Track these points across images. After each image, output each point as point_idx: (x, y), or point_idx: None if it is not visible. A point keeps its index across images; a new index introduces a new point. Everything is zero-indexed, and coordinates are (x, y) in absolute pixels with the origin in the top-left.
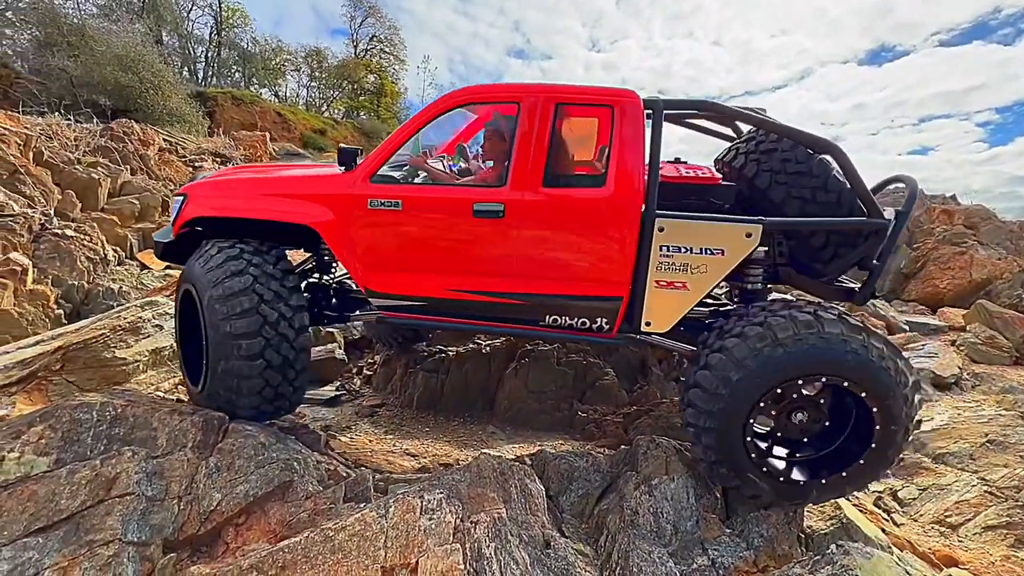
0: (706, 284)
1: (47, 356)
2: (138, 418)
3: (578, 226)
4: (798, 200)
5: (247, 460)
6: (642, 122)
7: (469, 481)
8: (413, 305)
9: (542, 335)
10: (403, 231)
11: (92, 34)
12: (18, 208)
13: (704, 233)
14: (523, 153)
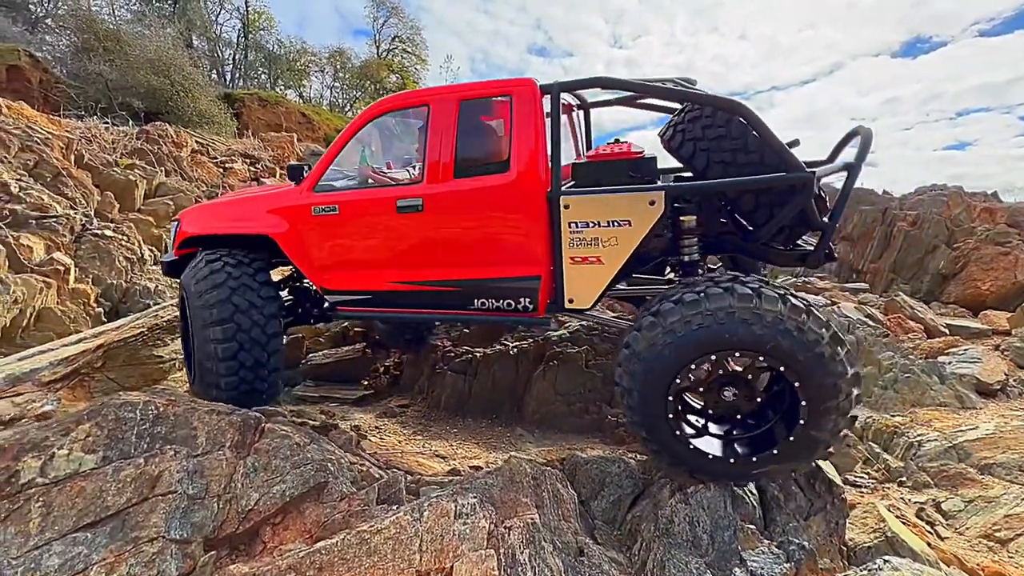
0: (620, 256)
1: (89, 354)
2: (179, 417)
3: (489, 212)
4: (719, 164)
5: (283, 460)
6: (539, 107)
7: (501, 485)
8: (362, 299)
9: (476, 319)
10: (342, 232)
11: (127, 39)
12: (61, 209)
13: (608, 205)
14: (435, 149)
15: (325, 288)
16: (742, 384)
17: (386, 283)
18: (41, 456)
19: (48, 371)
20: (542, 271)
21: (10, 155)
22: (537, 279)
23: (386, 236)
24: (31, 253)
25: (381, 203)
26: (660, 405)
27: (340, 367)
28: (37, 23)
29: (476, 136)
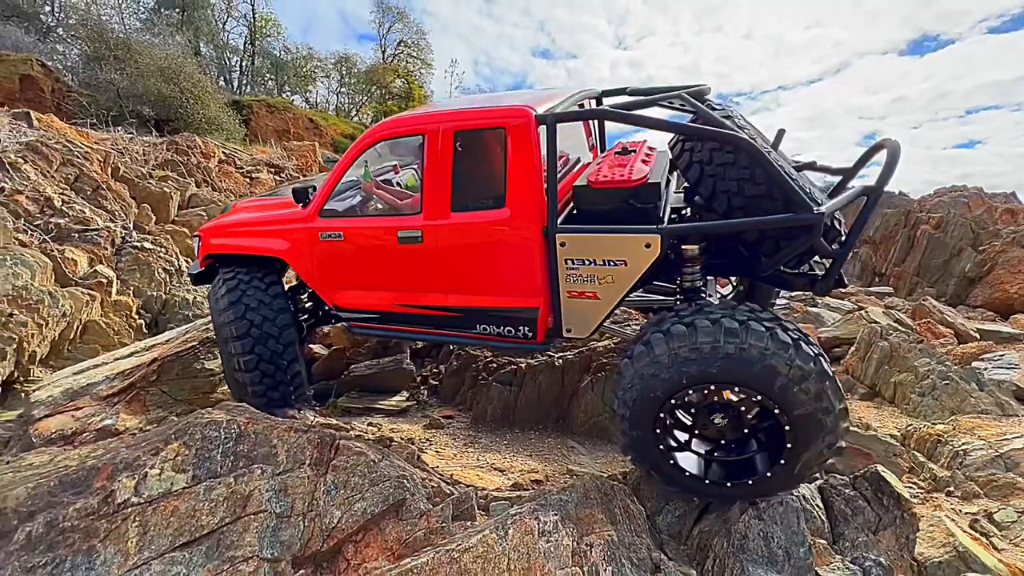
0: (616, 293)
1: (144, 368)
2: (259, 435)
3: (486, 247)
4: (725, 195)
5: (362, 478)
6: (534, 139)
7: (576, 502)
8: (371, 317)
9: (479, 342)
10: (348, 257)
11: (137, 48)
12: (102, 222)
13: (603, 245)
14: (432, 182)
15: (336, 306)
16: (731, 412)
17: (391, 304)
18: (135, 476)
19: (105, 385)
20: (540, 303)
21: (52, 169)
22: (535, 310)
23: (389, 263)
24: (75, 266)
25: (383, 233)
26: (649, 427)
27: (381, 378)
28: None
29: (472, 169)
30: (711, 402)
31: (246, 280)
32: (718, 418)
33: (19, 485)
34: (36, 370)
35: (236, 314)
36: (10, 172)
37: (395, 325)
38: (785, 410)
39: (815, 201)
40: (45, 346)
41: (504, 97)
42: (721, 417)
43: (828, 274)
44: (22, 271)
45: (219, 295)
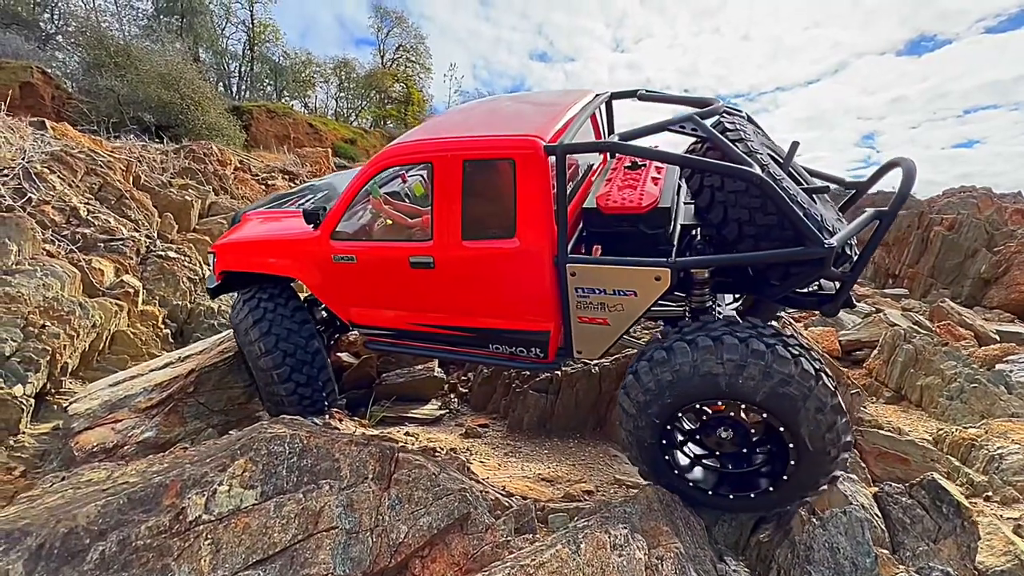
0: (626, 320)
1: (181, 379)
2: (320, 449)
3: (497, 275)
4: (735, 223)
5: (425, 491)
6: (545, 169)
7: (640, 513)
8: (386, 334)
9: (492, 361)
10: (361, 278)
11: (137, 54)
12: (126, 232)
13: (614, 276)
14: (441, 210)
15: (352, 322)
16: (737, 427)
17: (405, 323)
18: (204, 492)
19: (143, 397)
20: (551, 327)
21: (77, 179)
22: (546, 333)
23: (402, 285)
24: (102, 276)
25: (395, 258)
26: (656, 437)
27: (412, 386)
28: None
29: (481, 198)
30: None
31: (266, 299)
32: (723, 432)
33: (85, 502)
34: (67, 382)
35: (261, 331)
36: (36, 182)
37: (409, 341)
38: (787, 425)
39: (826, 232)
40: (76, 357)
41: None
42: (726, 431)
43: (837, 296)
44: (52, 282)
45: (241, 316)
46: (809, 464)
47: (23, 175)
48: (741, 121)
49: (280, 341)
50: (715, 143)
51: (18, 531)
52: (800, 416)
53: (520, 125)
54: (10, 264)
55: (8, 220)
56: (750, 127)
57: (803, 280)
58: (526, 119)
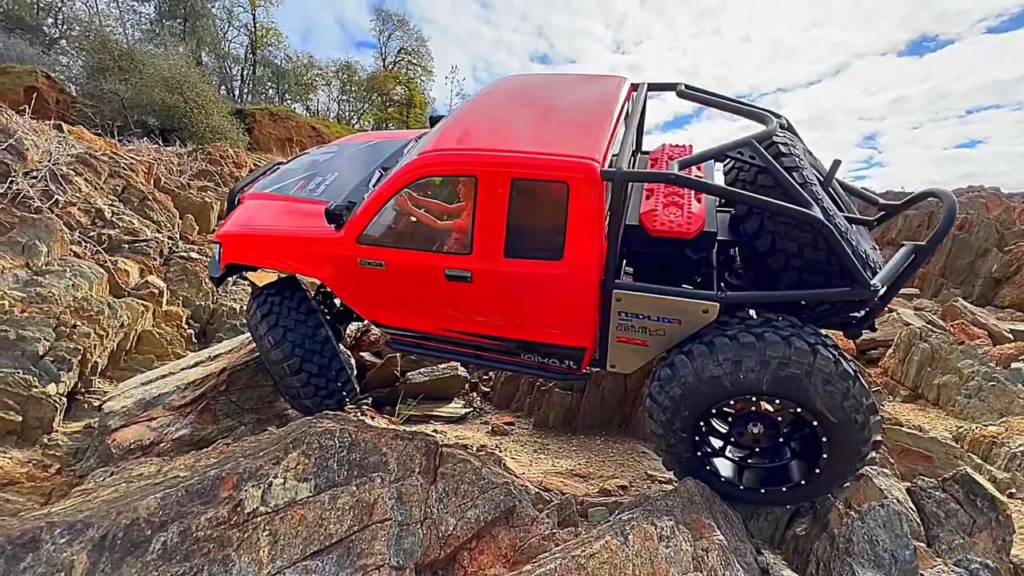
0: (665, 344)
1: (214, 378)
2: (367, 443)
3: (539, 294)
4: (782, 254)
5: (470, 485)
6: (600, 195)
7: (682, 507)
8: (412, 335)
9: (521, 369)
10: (390, 284)
11: (140, 58)
12: (150, 233)
13: (660, 305)
14: (484, 225)
15: (377, 323)
16: (767, 422)
17: (434, 328)
18: (260, 485)
19: (177, 396)
20: (588, 343)
21: (101, 181)
22: (583, 350)
23: (435, 295)
24: (128, 277)
25: (429, 268)
26: (688, 429)
27: (436, 385)
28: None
29: (528, 217)
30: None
31: (273, 294)
32: (754, 426)
33: (142, 495)
34: (97, 381)
35: (269, 325)
36: (62, 184)
37: (436, 344)
38: (824, 423)
39: (869, 269)
40: (105, 357)
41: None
42: (755, 425)
43: (862, 321)
44: (81, 282)
45: (253, 315)
46: (842, 443)
47: (50, 177)
48: (791, 140)
49: (288, 332)
50: (774, 175)
51: (80, 523)
52: (811, 392)
53: (572, 142)
54: (40, 265)
55: (38, 221)
56: (799, 147)
57: (840, 313)
58: (574, 131)
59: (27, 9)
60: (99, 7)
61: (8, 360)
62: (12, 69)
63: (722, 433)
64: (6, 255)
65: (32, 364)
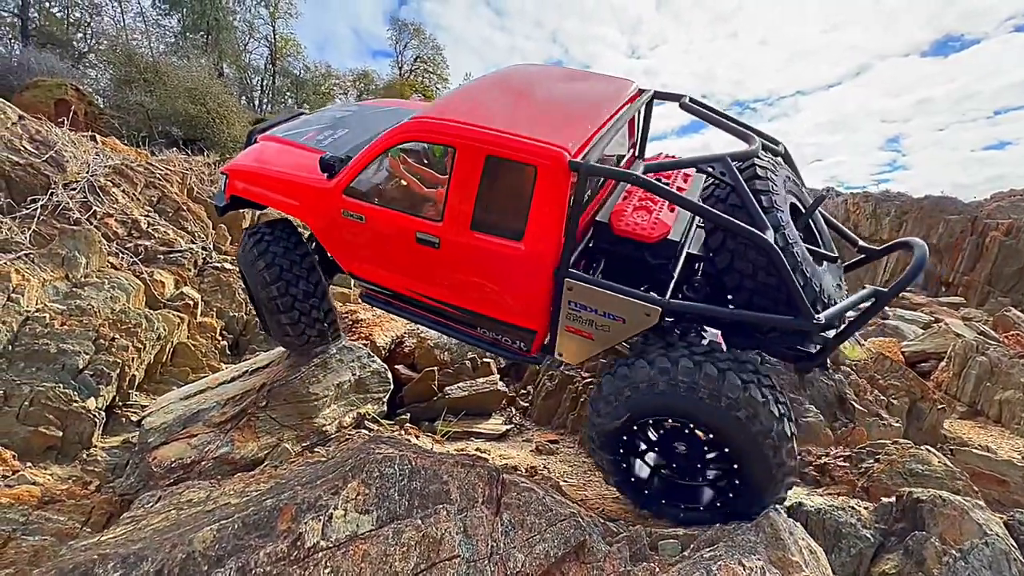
0: (610, 340)
1: (253, 393)
2: (427, 470)
3: (498, 270)
4: (738, 273)
5: (536, 516)
6: (564, 183)
7: (766, 543)
8: (383, 292)
9: (478, 343)
10: (366, 238)
11: (165, 70)
12: (184, 244)
13: (607, 301)
14: (456, 196)
15: (353, 274)
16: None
17: (403, 288)
18: (320, 517)
19: (216, 412)
20: (538, 327)
21: (137, 192)
22: (533, 332)
23: (404, 255)
24: (163, 288)
25: (402, 229)
26: (616, 442)
27: (475, 400)
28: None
29: (497, 195)
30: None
31: (269, 235)
32: (680, 446)
33: (196, 526)
34: (133, 394)
35: (266, 263)
36: (100, 195)
37: (404, 304)
38: (734, 447)
39: (821, 303)
40: (141, 370)
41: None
42: (682, 446)
43: (815, 357)
44: (119, 294)
45: (249, 249)
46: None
47: (88, 189)
48: (773, 165)
49: (284, 271)
50: (739, 194)
51: (134, 555)
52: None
53: (550, 129)
54: (79, 277)
55: (78, 233)
56: (781, 173)
57: (782, 343)
58: (559, 121)
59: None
60: (126, 22)
61: (48, 374)
62: (43, 83)
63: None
64: (47, 267)
65: (72, 378)
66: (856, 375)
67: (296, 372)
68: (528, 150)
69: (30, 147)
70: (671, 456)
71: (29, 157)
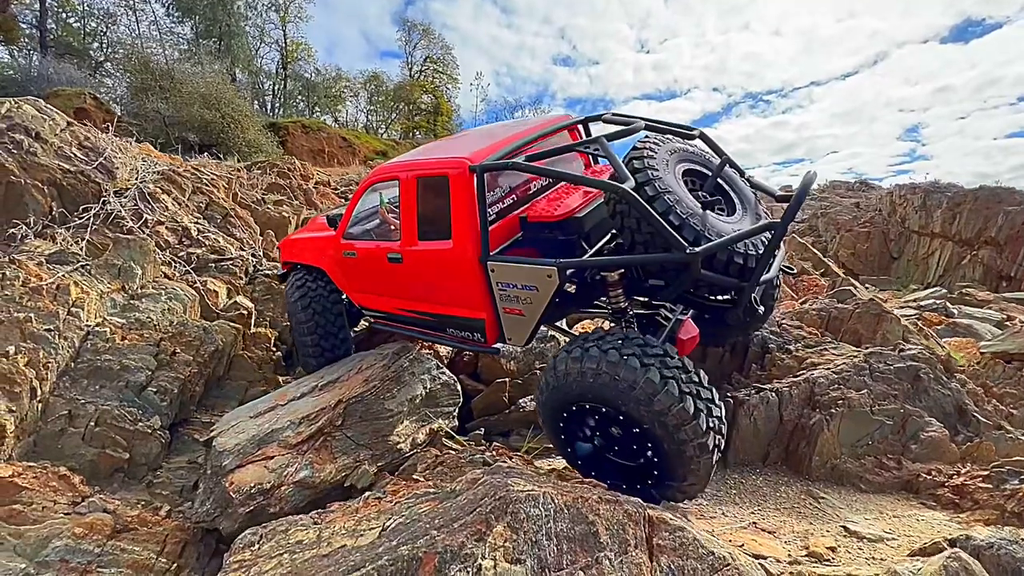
0: (535, 311)
1: (329, 411)
2: (571, 509)
3: (441, 270)
4: (629, 231)
5: (697, 560)
6: (470, 185)
7: None
8: (383, 316)
9: (450, 343)
10: (361, 270)
11: (180, 77)
12: (234, 251)
13: (519, 273)
14: (405, 215)
15: (360, 305)
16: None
17: (393, 308)
18: (467, 568)
19: (291, 432)
20: (485, 315)
21: (185, 198)
22: (482, 321)
23: (386, 277)
24: (216, 298)
25: (379, 254)
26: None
27: None
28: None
29: (430, 208)
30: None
31: (310, 279)
32: (615, 430)
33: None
34: (194, 411)
35: (303, 304)
36: (150, 203)
37: (397, 323)
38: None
39: (705, 239)
40: (201, 385)
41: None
42: (616, 430)
43: (735, 304)
44: (176, 305)
45: (291, 291)
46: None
47: (138, 196)
48: (658, 141)
49: (315, 315)
50: (609, 160)
51: None
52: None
53: (463, 149)
54: (135, 288)
55: (132, 243)
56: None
57: (682, 284)
58: (474, 144)
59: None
60: (140, 30)
61: (112, 392)
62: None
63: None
64: (103, 278)
65: (136, 395)
66: (972, 383)
67: (370, 387)
68: (440, 165)
69: (79, 154)
70: (606, 436)
71: (80, 164)
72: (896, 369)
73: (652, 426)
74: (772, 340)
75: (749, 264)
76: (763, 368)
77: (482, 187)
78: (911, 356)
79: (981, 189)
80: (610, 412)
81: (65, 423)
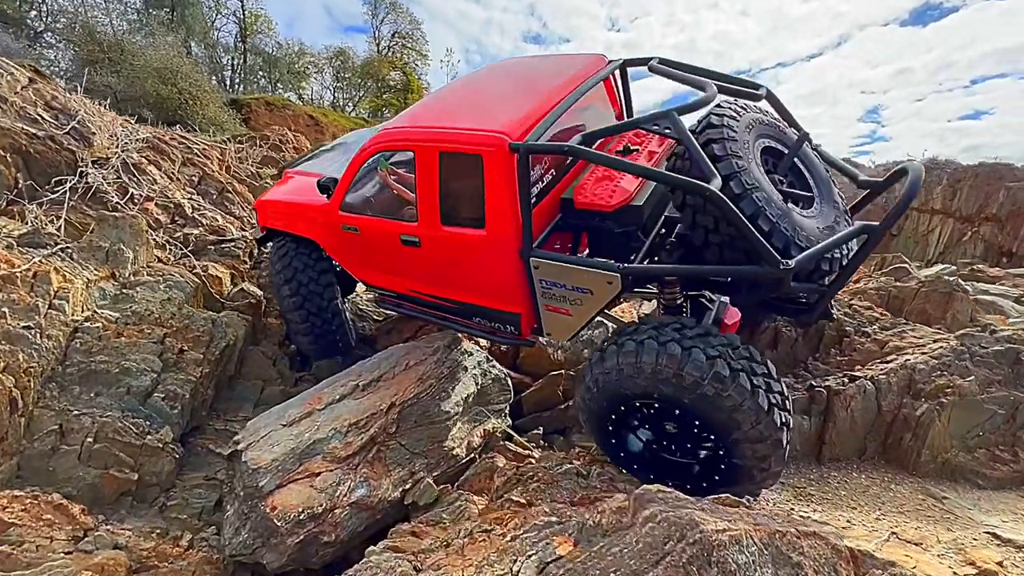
0: (586, 313)
1: (381, 416)
2: (770, 548)
3: (471, 258)
4: (702, 229)
5: None
6: (510, 166)
7: None
8: (391, 295)
9: (477, 332)
10: (365, 246)
11: (130, 49)
12: (235, 231)
13: (571, 275)
14: (423, 195)
15: (364, 281)
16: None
17: (405, 289)
18: None
19: (338, 442)
20: (522, 310)
21: (175, 170)
22: (518, 315)
23: (397, 258)
24: (220, 285)
25: (389, 234)
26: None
27: None
28: (37, 38)
29: (456, 188)
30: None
31: (294, 251)
32: (670, 426)
33: None
34: (205, 418)
35: (286, 277)
36: (135, 175)
37: (410, 304)
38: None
39: (796, 247)
40: (213, 387)
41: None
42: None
43: (812, 309)
44: (175, 294)
45: (274, 262)
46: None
47: (122, 167)
48: (736, 112)
49: (301, 286)
50: (686, 146)
51: None
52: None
53: (494, 117)
54: (128, 275)
55: (120, 221)
56: (746, 118)
57: (766, 293)
58: (504, 108)
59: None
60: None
61: (111, 400)
62: None
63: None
64: (89, 264)
65: (140, 403)
66: None
67: (425, 386)
68: (472, 140)
69: (47, 116)
70: (661, 433)
71: (49, 128)
72: (995, 352)
73: (722, 423)
74: (848, 322)
75: (834, 269)
76: (843, 353)
77: (525, 170)
78: (1007, 338)
79: (981, 166)
80: (667, 408)
81: (56, 440)
